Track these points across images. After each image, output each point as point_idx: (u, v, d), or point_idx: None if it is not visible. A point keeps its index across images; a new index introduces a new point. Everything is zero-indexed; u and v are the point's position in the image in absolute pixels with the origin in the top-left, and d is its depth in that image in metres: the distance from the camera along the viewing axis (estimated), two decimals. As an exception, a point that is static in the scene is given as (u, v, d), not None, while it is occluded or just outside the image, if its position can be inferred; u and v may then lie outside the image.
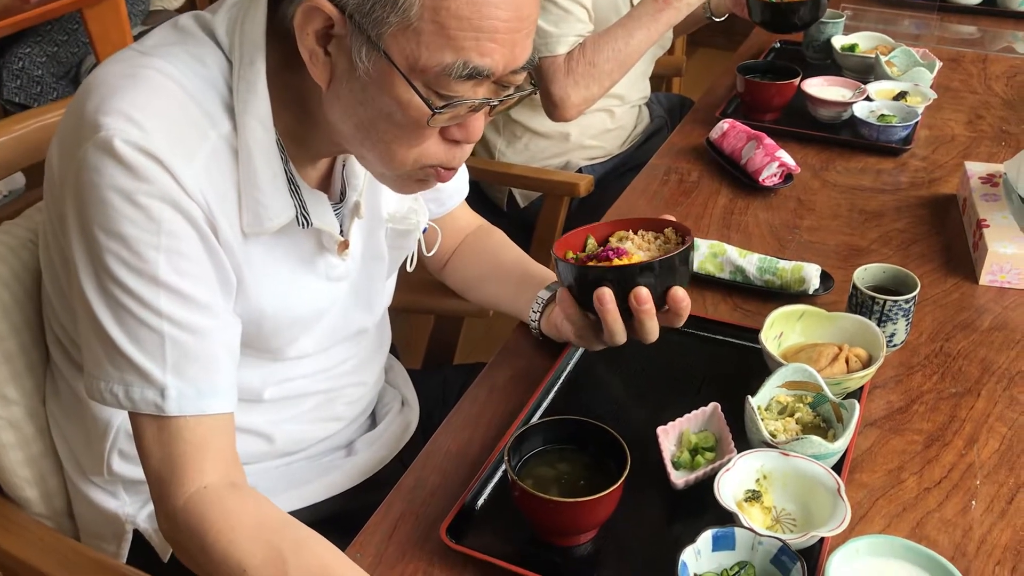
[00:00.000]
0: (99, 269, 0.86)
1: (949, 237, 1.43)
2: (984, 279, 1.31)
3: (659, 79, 2.46)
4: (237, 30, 0.89)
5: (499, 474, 0.99)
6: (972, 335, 1.22)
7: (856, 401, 0.99)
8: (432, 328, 1.63)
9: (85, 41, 2.99)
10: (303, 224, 0.95)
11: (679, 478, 0.97)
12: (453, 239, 1.31)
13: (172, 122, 0.85)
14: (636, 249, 1.06)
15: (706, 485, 0.94)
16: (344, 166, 1.03)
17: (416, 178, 0.93)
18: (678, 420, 1.02)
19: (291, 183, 0.93)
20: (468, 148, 0.92)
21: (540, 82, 1.70)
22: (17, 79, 2.91)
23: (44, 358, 1.14)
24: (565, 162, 1.95)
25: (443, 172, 0.92)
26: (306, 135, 0.94)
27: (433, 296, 1.46)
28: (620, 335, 1.03)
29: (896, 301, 1.13)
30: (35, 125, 1.23)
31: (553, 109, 1.72)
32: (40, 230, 1.03)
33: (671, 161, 1.67)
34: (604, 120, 1.95)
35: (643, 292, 0.98)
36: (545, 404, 1.10)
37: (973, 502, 0.97)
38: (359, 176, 1.04)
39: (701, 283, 1.32)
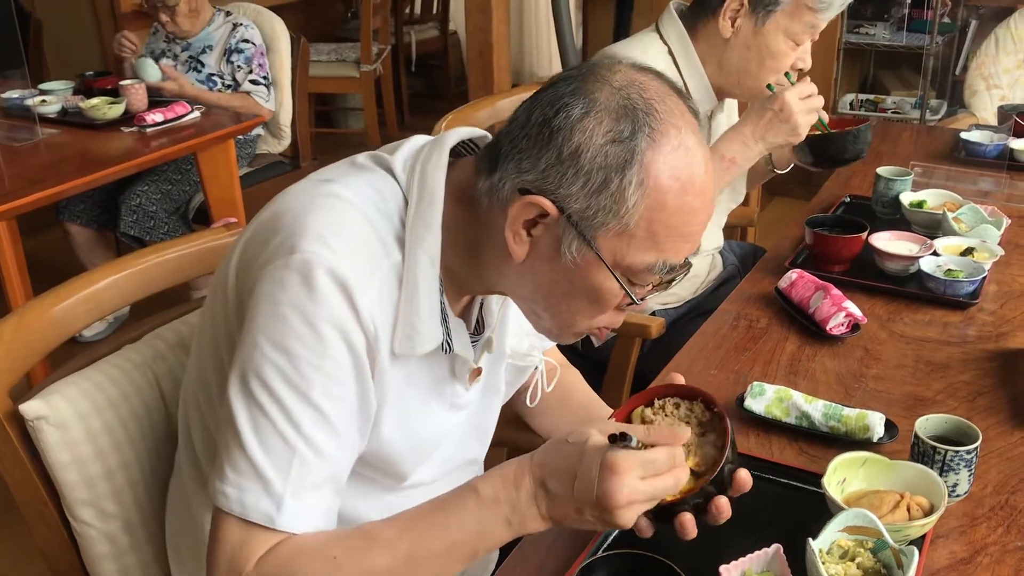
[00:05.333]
0: (253, 375, 0.92)
1: (1017, 390, 1.45)
2: (1051, 434, 1.33)
3: (733, 228, 2.55)
4: (417, 170, 0.99)
5: (565, 603, 1.03)
6: (1038, 489, 1.23)
7: (916, 548, 1.01)
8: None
9: (196, 180, 3.24)
10: (446, 350, 1.02)
11: (740, 616, 1.00)
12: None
13: (357, 249, 0.94)
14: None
15: (766, 625, 0.97)
16: (482, 303, 1.12)
17: (579, 336, 1.03)
18: (740, 560, 1.05)
19: (442, 312, 1.01)
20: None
21: None
22: (134, 214, 3.17)
23: (144, 474, 1.23)
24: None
25: (604, 332, 1.03)
26: (464, 277, 1.04)
27: (509, 428, 1.52)
28: (647, 533, 1.02)
29: (958, 452, 1.16)
30: (154, 261, 1.38)
31: None
32: (194, 345, 1.11)
33: (741, 307, 1.73)
34: (679, 269, 2.04)
35: (723, 504, 1.00)
36: (610, 538, 1.14)
37: (1037, 657, 0.98)
38: (494, 314, 1.13)
39: (768, 427, 1.36)
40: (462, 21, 5.60)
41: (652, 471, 0.89)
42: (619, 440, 0.87)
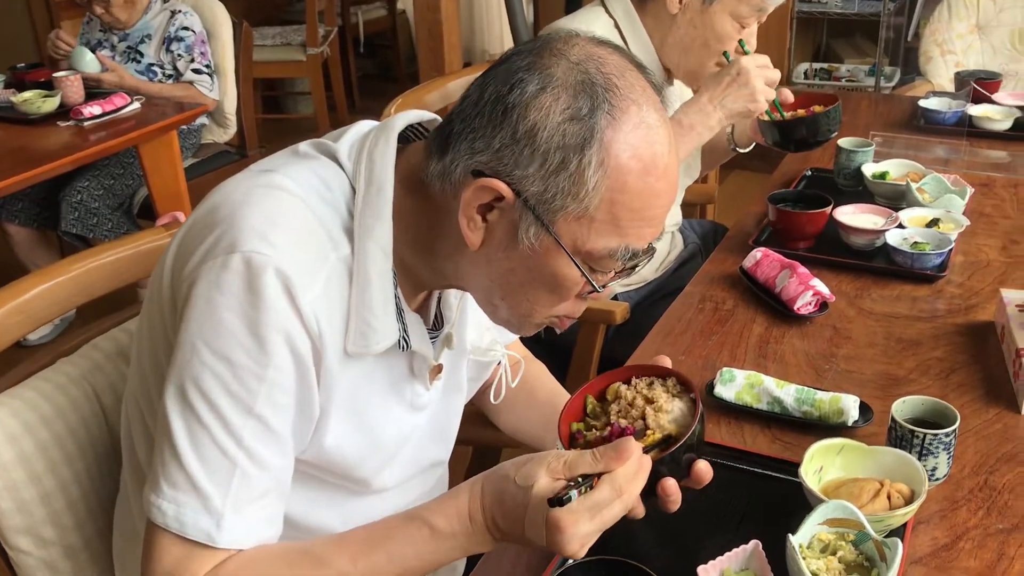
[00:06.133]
0: (191, 383, 0.86)
1: (989, 365, 1.42)
2: (1026, 409, 1.30)
3: (692, 206, 2.51)
4: (364, 157, 0.93)
5: (537, 616, 0.98)
6: (1017, 468, 1.20)
7: (899, 540, 0.97)
8: (470, 460, 1.63)
9: (139, 174, 3.13)
10: (403, 347, 0.97)
11: (721, 620, 0.96)
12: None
13: (301, 243, 0.88)
14: (655, 426, 1.00)
15: (748, 628, 0.92)
16: (440, 298, 1.07)
17: (537, 327, 0.98)
18: (718, 559, 1.01)
19: (397, 307, 0.96)
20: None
21: None
22: (75, 211, 3.05)
23: (84, 494, 1.16)
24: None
25: (565, 321, 0.97)
26: (419, 270, 0.98)
27: (473, 426, 1.46)
28: (640, 514, 0.99)
29: (936, 435, 1.13)
30: (88, 266, 1.30)
31: None
32: (133, 349, 1.05)
33: (706, 289, 1.69)
34: (638, 248, 1.99)
35: (671, 486, 0.95)
36: (583, 541, 1.09)
37: (1027, 647, 0.94)
38: (452, 308, 1.07)
39: (739, 414, 1.32)
40: (410, 0, 5.49)
41: (598, 511, 0.86)
42: (558, 503, 0.84)
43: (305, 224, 0.90)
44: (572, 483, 0.85)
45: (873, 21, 4.25)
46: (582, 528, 0.84)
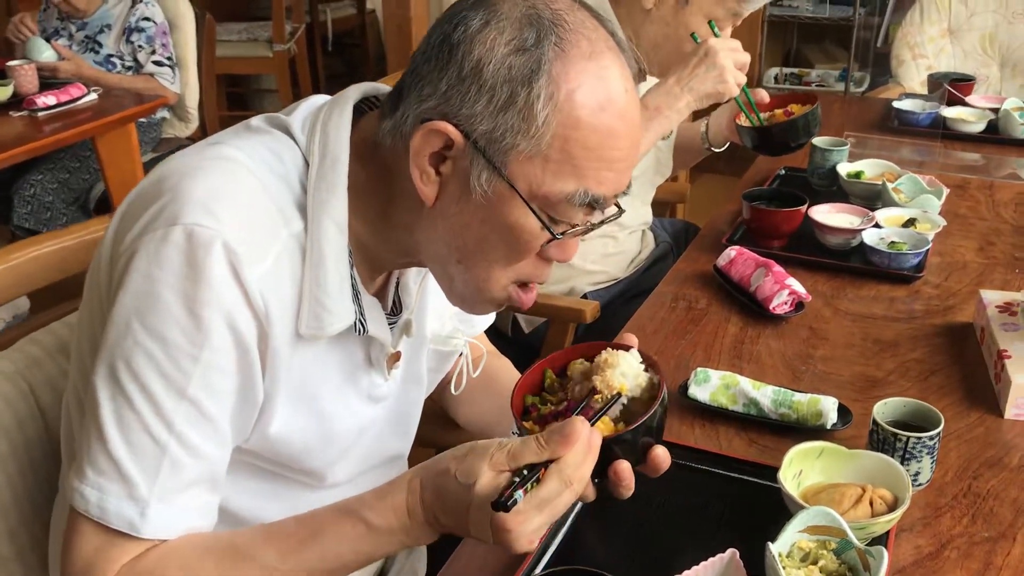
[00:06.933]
0: (122, 362, 0.81)
1: (969, 367, 1.38)
2: (1009, 413, 1.26)
3: (663, 205, 2.46)
4: (318, 130, 0.88)
5: (502, 630, 0.92)
6: (1002, 473, 1.16)
7: (884, 548, 0.92)
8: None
9: (96, 168, 3.03)
10: (360, 330, 0.91)
11: (696, 634, 0.90)
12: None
13: (250, 217, 0.83)
14: (603, 387, 0.94)
15: (726, 642, 0.87)
16: (398, 283, 1.01)
17: (497, 302, 0.91)
18: (694, 569, 0.95)
19: (354, 289, 0.90)
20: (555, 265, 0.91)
21: None
22: (28, 205, 2.94)
23: (17, 499, 1.08)
24: (569, 288, 1.92)
25: (524, 295, 0.91)
26: (375, 247, 0.92)
27: (436, 427, 1.40)
28: (590, 498, 0.92)
29: (920, 438, 1.08)
30: (27, 256, 1.22)
31: None
32: (74, 341, 0.98)
33: (678, 288, 1.64)
34: (605, 244, 1.94)
35: (624, 469, 0.88)
36: (549, 552, 1.03)
37: (1017, 662, 0.90)
38: (411, 294, 1.01)
39: (714, 416, 1.27)
40: (379, -2, 5.41)
41: (547, 504, 0.80)
42: (502, 507, 0.77)
43: (255, 198, 0.85)
44: (517, 477, 0.78)
45: (844, 26, 4.25)
46: (531, 525, 0.79)
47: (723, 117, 1.93)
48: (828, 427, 1.22)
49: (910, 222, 1.74)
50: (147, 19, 3.23)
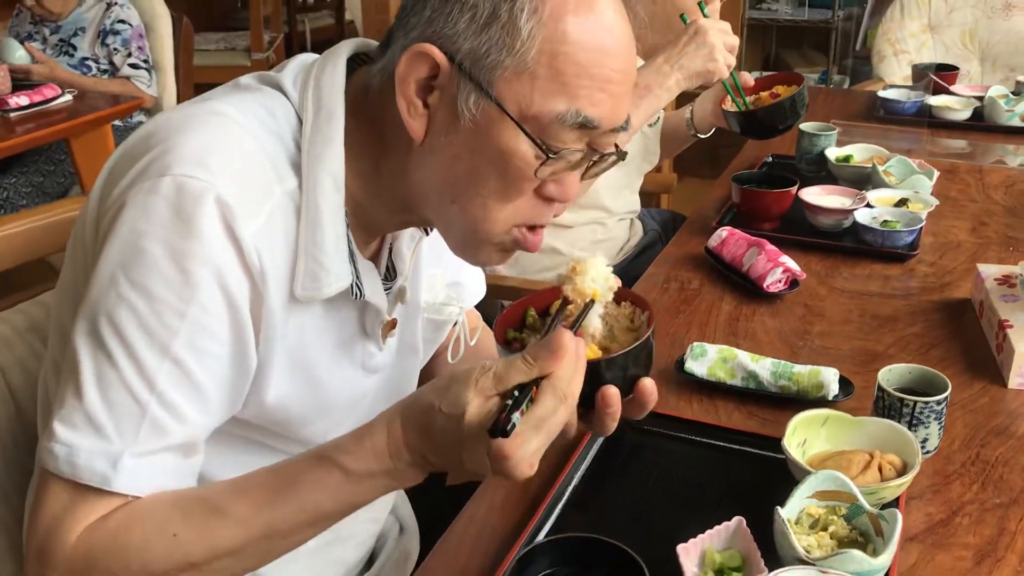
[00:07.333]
0: (103, 316, 0.76)
1: (969, 340, 1.35)
2: (1013, 382, 1.23)
3: (649, 196, 2.43)
4: (311, 85, 0.85)
5: (500, 601, 0.88)
6: (1009, 441, 1.12)
7: (897, 511, 0.89)
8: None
9: (71, 171, 2.97)
10: (356, 294, 0.87)
11: (705, 602, 0.86)
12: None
13: (244, 173, 0.79)
14: (575, 295, 0.88)
15: (736, 610, 0.83)
16: (391, 248, 0.97)
17: (502, 246, 0.86)
18: (699, 537, 0.91)
19: (350, 250, 0.86)
20: (559, 209, 0.86)
21: None
22: (1, 209, 2.87)
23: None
24: (558, 275, 1.88)
25: (530, 236, 0.86)
26: (369, 205, 0.88)
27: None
28: (572, 429, 0.85)
29: (928, 403, 1.05)
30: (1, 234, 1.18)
31: None
32: (52, 323, 0.92)
33: (670, 270, 1.61)
34: (594, 231, 1.90)
35: (612, 393, 0.82)
36: (549, 523, 0.99)
37: (1038, 625, 0.86)
38: (405, 260, 0.97)
39: (711, 390, 1.23)
40: (359, 8, 5.38)
41: (543, 424, 0.73)
42: (501, 432, 0.71)
43: (248, 154, 0.81)
44: (509, 400, 0.73)
45: (822, 30, 4.26)
46: (530, 447, 0.73)
47: (708, 102, 1.91)
48: (829, 398, 1.18)
49: (902, 202, 1.72)
50: (122, 21, 3.18)
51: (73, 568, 0.75)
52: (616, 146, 0.85)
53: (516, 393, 0.73)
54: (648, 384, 0.85)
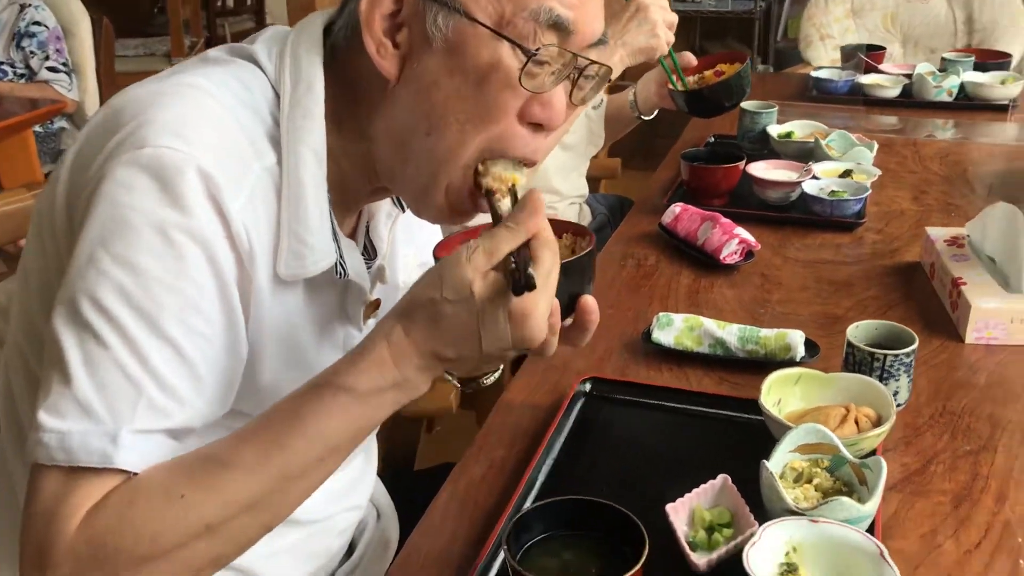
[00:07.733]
0: (85, 297, 0.70)
1: (923, 301, 1.38)
2: (970, 337, 1.26)
3: (594, 181, 2.44)
4: (287, 55, 0.81)
5: (495, 571, 0.86)
6: (972, 392, 1.15)
7: (881, 458, 0.90)
8: (388, 427, 1.48)
9: (-9, 180, 2.85)
10: (340, 273, 0.84)
11: (700, 559, 0.85)
12: None
13: (222, 146, 0.75)
14: (497, 184, 0.83)
15: (729, 563, 0.83)
16: (368, 227, 0.94)
17: (459, 193, 0.81)
18: (687, 496, 0.91)
19: (332, 228, 0.83)
20: (548, 141, 0.82)
21: None
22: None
23: None
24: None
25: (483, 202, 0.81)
26: (346, 168, 0.84)
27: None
28: (551, 349, 0.81)
29: (897, 355, 1.06)
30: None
31: None
32: (15, 307, 0.87)
33: (625, 247, 1.61)
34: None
35: (591, 300, 0.81)
36: (533, 493, 0.97)
37: (1021, 561, 0.88)
38: (383, 239, 0.94)
39: (680, 358, 1.23)
40: (280, 11, 5.29)
41: (547, 280, 0.72)
42: (524, 288, 0.70)
43: (225, 128, 0.76)
44: (513, 265, 0.71)
45: (745, 20, 4.34)
46: (542, 306, 0.72)
47: (651, 83, 1.91)
48: (797, 360, 1.19)
49: (846, 173, 1.75)
50: (38, 23, 3.06)
51: (78, 558, 0.67)
52: (606, 67, 0.81)
53: (513, 260, 0.71)
54: (589, 302, 0.82)
